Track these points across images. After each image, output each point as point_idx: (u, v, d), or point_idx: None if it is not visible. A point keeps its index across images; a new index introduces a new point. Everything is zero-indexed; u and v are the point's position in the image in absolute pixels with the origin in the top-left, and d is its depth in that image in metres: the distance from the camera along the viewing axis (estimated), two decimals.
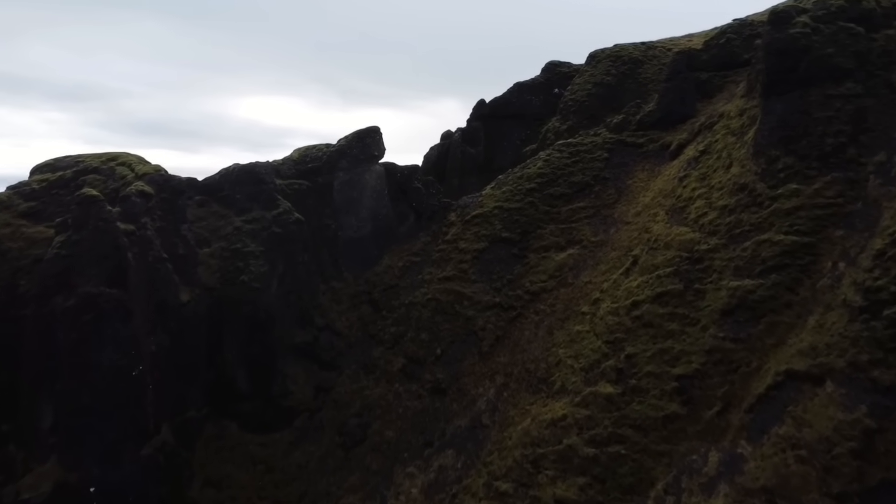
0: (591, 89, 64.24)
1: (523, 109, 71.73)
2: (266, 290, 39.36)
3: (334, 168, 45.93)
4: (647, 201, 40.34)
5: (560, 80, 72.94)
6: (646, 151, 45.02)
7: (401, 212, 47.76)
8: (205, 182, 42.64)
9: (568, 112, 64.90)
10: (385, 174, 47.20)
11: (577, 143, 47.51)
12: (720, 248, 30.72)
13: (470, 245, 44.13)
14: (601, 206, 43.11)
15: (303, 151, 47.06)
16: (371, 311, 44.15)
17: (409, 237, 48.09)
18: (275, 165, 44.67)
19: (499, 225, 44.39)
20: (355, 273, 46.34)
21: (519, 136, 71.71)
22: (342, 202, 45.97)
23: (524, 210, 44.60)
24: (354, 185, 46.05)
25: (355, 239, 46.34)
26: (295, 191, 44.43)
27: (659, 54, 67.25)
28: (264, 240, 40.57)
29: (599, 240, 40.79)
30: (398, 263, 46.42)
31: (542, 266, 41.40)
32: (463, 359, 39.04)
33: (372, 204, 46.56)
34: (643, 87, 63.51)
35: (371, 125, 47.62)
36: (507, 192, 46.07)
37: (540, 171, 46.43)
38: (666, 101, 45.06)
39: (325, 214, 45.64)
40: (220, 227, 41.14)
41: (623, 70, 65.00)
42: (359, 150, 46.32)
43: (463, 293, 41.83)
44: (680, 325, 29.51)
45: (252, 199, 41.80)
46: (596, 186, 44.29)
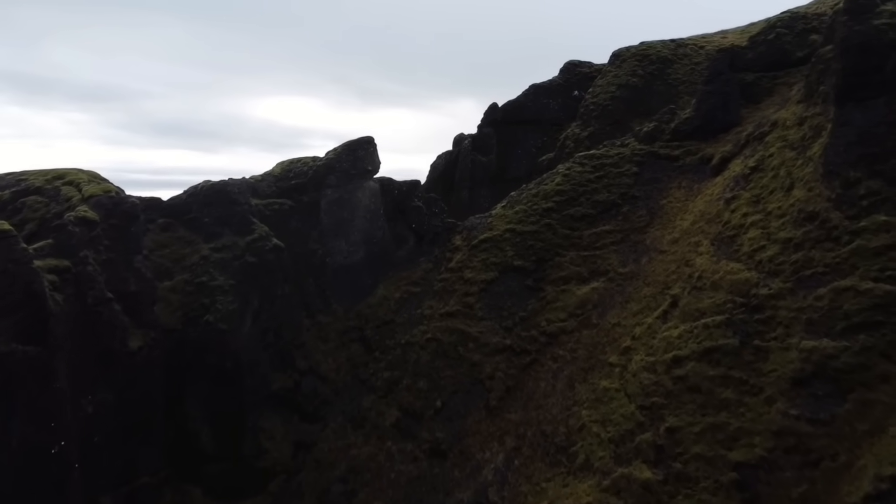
0: (615, 92, 59.04)
1: (539, 114, 66.34)
2: (236, 330, 34.03)
3: (321, 185, 40.61)
4: (685, 226, 34.58)
5: (580, 82, 67.45)
6: (682, 166, 39.28)
7: (398, 234, 42.35)
8: (170, 202, 37.48)
9: (589, 117, 59.65)
10: (380, 191, 41.81)
11: (602, 156, 41.82)
12: (786, 295, 24.95)
13: (477, 275, 38.58)
14: (630, 230, 37.41)
15: (285, 166, 41.79)
16: (362, 352, 38.73)
17: (407, 263, 42.66)
18: (251, 183, 39.40)
19: (510, 251, 38.82)
20: (345, 305, 40.96)
21: (535, 143, 66.27)
22: (331, 224, 40.62)
23: (540, 234, 38.99)
24: (345, 205, 40.69)
25: (346, 266, 40.98)
26: (275, 211, 39.14)
27: (690, 53, 61.83)
28: (235, 271, 35.27)
29: (629, 271, 35.10)
30: (395, 294, 40.97)
31: (560, 301, 35.77)
32: (467, 414, 33.51)
33: (365, 225, 41.17)
34: (673, 89, 58.20)
35: (364, 136, 42.33)
36: (521, 213, 40.47)
37: (558, 188, 40.80)
38: (705, 106, 39.29)
39: (310, 238, 40.30)
40: (185, 256, 35.96)
41: (650, 70, 59.63)
42: (349, 164, 40.97)
43: (468, 333, 36.28)
44: (737, 393, 23.79)
45: (222, 222, 36.56)
46: (624, 207, 38.60)
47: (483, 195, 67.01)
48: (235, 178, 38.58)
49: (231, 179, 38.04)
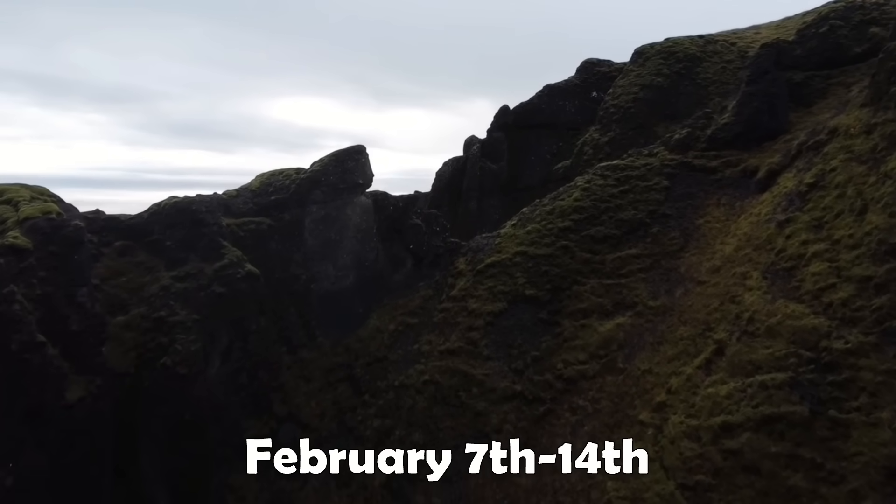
0: (638, 93, 54.34)
1: (555, 117, 61.56)
2: (198, 374, 29.46)
3: (305, 201, 36.01)
4: (728, 252, 29.70)
5: (599, 82, 62.60)
6: (721, 179, 34.41)
7: (394, 256, 37.71)
8: (129, 222, 32.99)
9: (609, 121, 54.97)
10: (373, 207, 37.17)
11: (627, 167, 36.95)
12: (869, 351, 20.08)
13: (483, 305, 33.80)
14: (661, 254, 32.57)
15: (265, 179, 37.22)
16: (350, 394, 34.07)
17: (404, 289, 38.00)
18: (223, 200, 34.82)
19: (521, 278, 34.01)
20: (333, 338, 36.37)
21: (549, 149, 61.49)
22: (316, 245, 36.01)
23: (555, 258, 34.19)
24: (332, 223, 36.07)
25: (333, 293, 36.40)
26: (251, 232, 34.57)
27: (720, 50, 56.98)
28: (200, 303, 30.71)
29: (661, 305, 30.25)
30: (389, 326, 36.27)
31: (580, 339, 30.97)
32: (469, 475, 28.59)
33: (355, 247, 36.55)
34: (702, 90, 53.42)
35: (354, 144, 37.73)
36: (533, 233, 35.66)
37: (577, 204, 35.97)
38: (748, 110, 34.40)
39: (292, 262, 35.72)
40: (143, 286, 31.45)
41: (677, 69, 54.85)
42: (337, 178, 36.34)
43: (472, 375, 31.53)
44: (809, 480, 18.95)
45: (187, 246, 32.03)
46: (653, 227, 33.73)
47: (493, 206, 62.30)
48: (205, 195, 34.06)
49: (199, 196, 33.50)
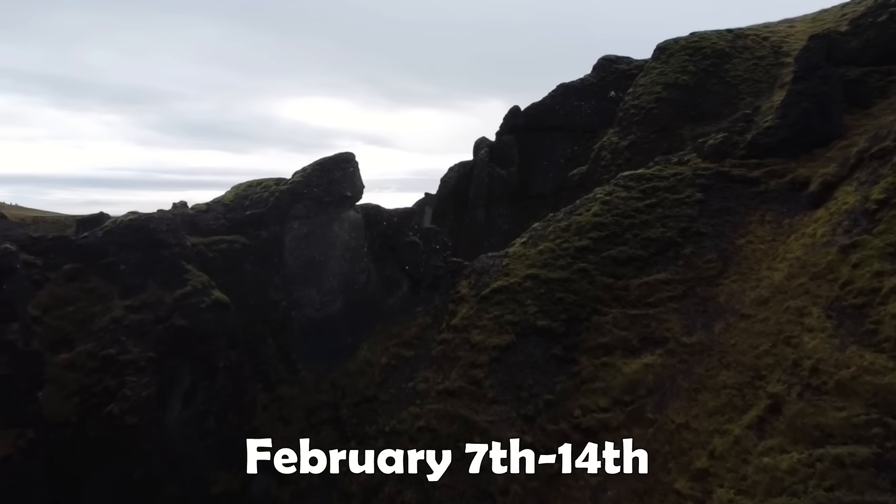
0: (661, 92, 50.11)
1: (569, 118, 57.26)
2: (151, 424, 25.37)
3: (285, 216, 31.85)
4: (778, 280, 25.29)
5: (617, 81, 58.26)
6: (764, 192, 30.00)
7: (388, 277, 33.54)
8: (81, 242, 28.94)
9: (629, 122, 50.74)
10: (364, 223, 32.98)
11: (654, 176, 32.58)
12: None
13: (487, 338, 29.54)
14: (696, 280, 28.18)
15: (240, 191, 33.10)
16: (335, 439, 29.93)
17: (399, 315, 33.85)
18: (189, 216, 30.66)
19: (532, 306, 29.73)
20: (317, 371, 32.26)
21: (563, 153, 57.21)
22: (298, 267, 31.87)
23: (572, 283, 29.86)
24: (316, 241, 31.92)
25: (318, 321, 32.29)
26: (221, 253, 30.41)
27: (751, 45, 52.63)
28: (157, 338, 26.60)
29: (697, 342, 25.86)
30: (381, 358, 32.07)
31: (601, 381, 26.68)
32: None
33: (343, 268, 32.40)
34: (732, 88, 49.18)
35: (341, 152, 33.46)
36: (546, 253, 31.34)
37: (597, 220, 31.61)
38: (795, 111, 29.96)
39: (271, 286, 31.57)
40: (94, 317, 27.33)
41: (704, 66, 50.58)
42: (322, 189, 32.17)
43: (474, 423, 27.30)
44: None
45: (144, 270, 27.94)
46: (686, 247, 29.35)
47: (502, 215, 58.06)
48: (167, 211, 29.95)
49: (159, 212, 29.40)
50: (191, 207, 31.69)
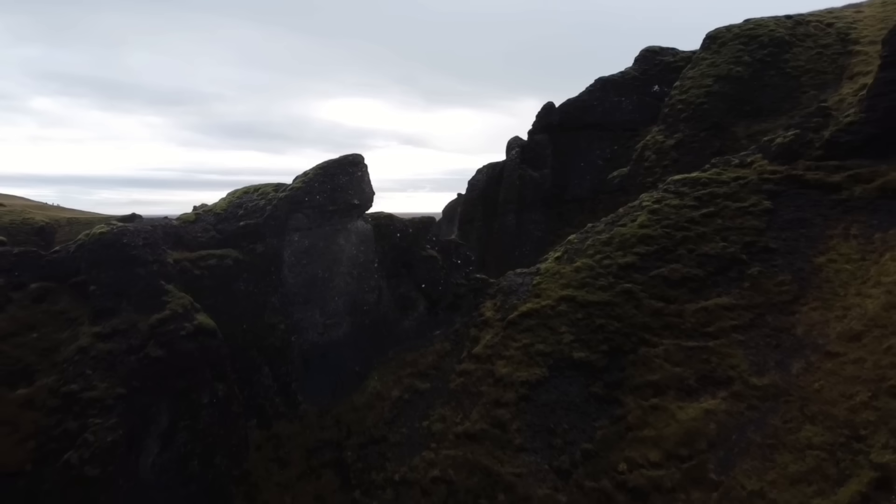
0: (712, 85, 45.43)
1: (608, 115, 52.66)
2: (118, 475, 21.57)
3: (284, 227, 28.01)
4: (873, 311, 20.70)
5: (662, 74, 53.51)
6: (847, 200, 25.29)
7: (402, 296, 29.51)
8: (52, 258, 25.52)
9: (676, 119, 46.08)
10: (374, 235, 28.98)
11: (711, 181, 28.04)
12: None
13: (515, 371, 25.35)
14: (765, 306, 23.64)
15: (234, 198, 29.37)
16: (337, 487, 26.01)
17: (415, 339, 29.81)
18: (172, 228, 26.97)
19: (568, 334, 25.45)
20: (320, 404, 28.39)
21: (602, 153, 52.61)
22: (298, 285, 28.03)
23: (615, 307, 25.49)
24: (320, 256, 28.05)
25: (321, 346, 28.40)
26: (210, 270, 26.68)
27: (814, 32, 47.52)
28: (129, 372, 22.94)
29: (770, 384, 21.37)
30: (392, 391, 28.05)
31: (651, 428, 22.35)
32: None
33: (350, 286, 28.46)
34: (792, 80, 44.23)
35: (347, 154, 29.45)
36: (584, 270, 26.99)
37: (644, 232, 27.17)
38: (884, 103, 25.23)
39: (267, 307, 27.77)
40: (60, 345, 23.79)
41: (760, 56, 45.76)
42: (326, 197, 28.26)
43: (498, 474, 23.14)
44: None
45: (117, 292, 24.35)
46: (752, 266, 24.83)
47: (534, 221, 53.69)
48: (144, 223, 26.32)
49: (136, 225, 25.76)
50: (177, 217, 28.06)
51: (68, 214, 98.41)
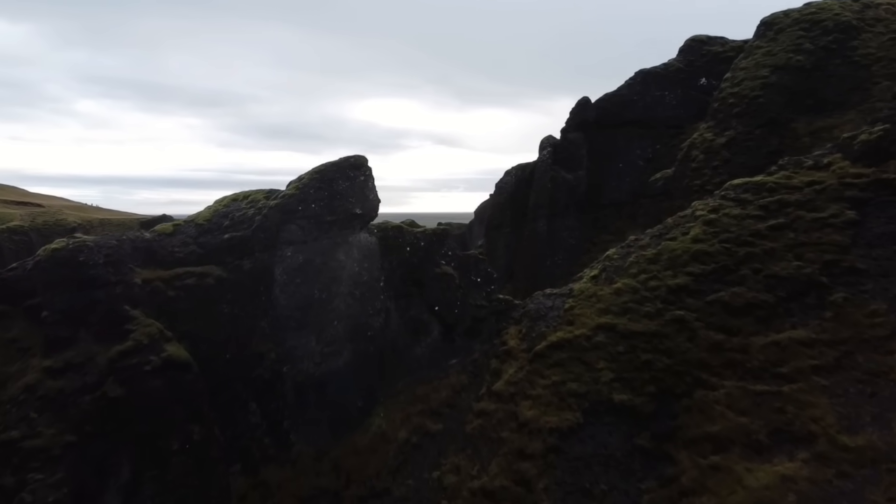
0: (768, 76, 40.91)
1: (650, 111, 48.16)
2: None
3: (274, 240, 24.27)
4: None
5: (709, 66, 48.90)
6: None
7: (412, 319, 25.61)
8: (5, 277, 22.00)
9: (727, 115, 41.59)
10: (380, 249, 25.10)
11: (779, 185, 23.57)
12: None
13: (542, 414, 21.29)
14: (855, 342, 19.16)
15: (220, 207, 25.72)
16: None
17: (429, 368, 25.91)
18: (143, 242, 23.29)
19: (607, 371, 21.27)
20: (317, 444, 24.59)
21: (643, 153, 48.14)
22: (292, 307, 24.27)
23: (664, 339, 21.23)
24: (316, 273, 24.26)
25: (318, 378, 24.63)
26: (188, 290, 23.02)
27: (885, 16, 43.00)
28: (83, 415, 19.40)
29: (865, 445, 17.14)
30: (399, 432, 24.15)
31: (711, 494, 18.18)
32: None
33: (352, 308, 24.61)
34: (862, 70, 39.66)
35: (348, 156, 25.60)
36: (627, 293, 22.77)
37: (698, 248, 22.82)
38: None
39: (255, 333, 24.05)
40: (9, 380, 20.34)
41: (824, 43, 41.08)
42: (323, 206, 24.47)
43: None
44: None
45: (74, 318, 20.79)
46: (835, 291, 20.44)
47: (567, 227, 49.37)
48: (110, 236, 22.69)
49: (99, 240, 22.07)
50: (153, 229, 24.50)
51: (103, 215, 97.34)
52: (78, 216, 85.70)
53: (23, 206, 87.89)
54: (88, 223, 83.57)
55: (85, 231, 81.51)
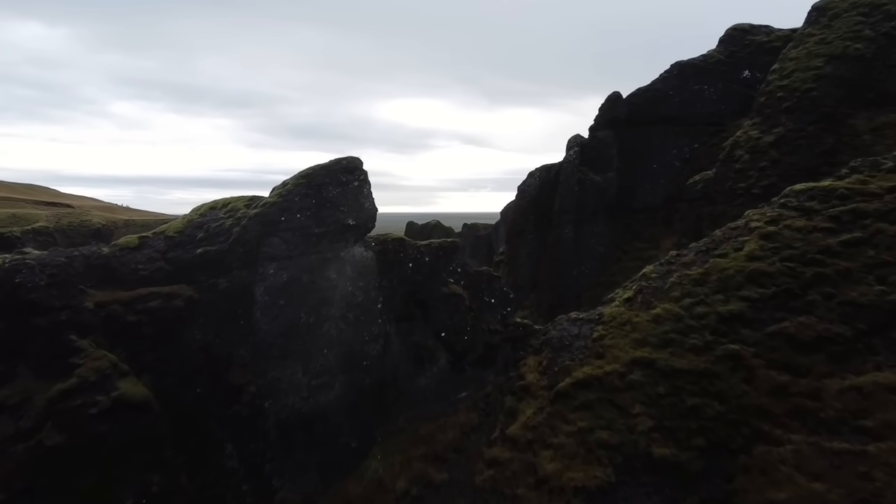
0: (822, 67, 37.07)
1: (687, 107, 44.31)
2: None
3: (255, 256, 20.94)
4: None
5: (753, 57, 44.93)
6: None
7: (416, 346, 22.11)
8: None
9: (775, 110, 37.75)
10: (377, 265, 21.63)
11: (852, 191, 19.76)
12: None
13: (566, 469, 17.72)
14: None
15: (195, 217, 22.44)
16: None
17: (435, 402, 22.41)
18: (100, 259, 20.04)
19: (645, 417, 17.69)
20: (305, 491, 21.30)
21: (679, 152, 44.31)
22: (275, 332, 20.92)
23: (715, 378, 17.52)
24: (303, 294, 20.87)
25: (306, 415, 21.30)
26: (152, 315, 19.79)
27: None
28: (15, 467, 16.23)
29: None
30: (398, 481, 20.73)
31: None
32: None
33: (346, 334, 21.20)
34: None
35: (339, 157, 22.15)
36: (668, 320, 19.07)
37: (754, 266, 19.08)
38: None
39: (232, 362, 20.74)
40: None
41: (887, 30, 37.39)
42: (310, 216, 21.05)
43: None
44: None
45: (12, 350, 17.63)
46: None
47: (596, 234, 45.62)
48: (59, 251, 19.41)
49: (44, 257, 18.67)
50: (114, 243, 21.33)
51: (130, 216, 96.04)
52: (104, 217, 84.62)
53: (52, 207, 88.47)
54: (113, 224, 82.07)
55: (109, 232, 79.91)
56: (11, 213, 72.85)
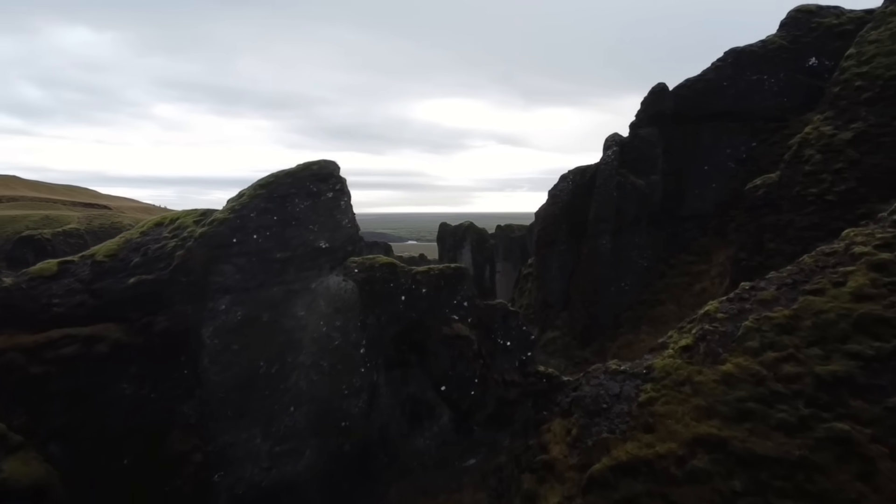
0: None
1: (744, 100, 38.81)
2: None
3: (203, 288, 16.34)
4: None
5: (821, 42, 39.20)
6: None
7: (411, 399, 17.33)
8: None
9: (852, 102, 32.52)
10: (360, 298, 16.85)
11: None
12: None
13: None
14: None
15: (134, 236, 17.92)
16: None
17: (434, 469, 17.48)
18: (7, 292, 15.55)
19: None
20: None
21: (735, 152, 38.83)
22: (228, 385, 16.34)
23: (815, 470, 12.21)
24: (263, 336, 16.25)
25: (268, 489, 16.63)
26: (64, 364, 15.34)
27: None
28: None
29: None
30: None
31: None
32: None
33: (317, 386, 16.52)
34: None
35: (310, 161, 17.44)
36: (743, 382, 13.90)
37: (864, 309, 13.84)
38: None
39: (174, 423, 16.22)
40: None
41: None
42: (270, 237, 16.44)
43: None
44: None
45: None
46: None
47: (637, 245, 40.30)
48: None
49: None
50: (25, 271, 16.96)
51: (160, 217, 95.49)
52: (135, 219, 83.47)
53: (89, 208, 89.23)
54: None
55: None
56: (45, 215, 72.50)
